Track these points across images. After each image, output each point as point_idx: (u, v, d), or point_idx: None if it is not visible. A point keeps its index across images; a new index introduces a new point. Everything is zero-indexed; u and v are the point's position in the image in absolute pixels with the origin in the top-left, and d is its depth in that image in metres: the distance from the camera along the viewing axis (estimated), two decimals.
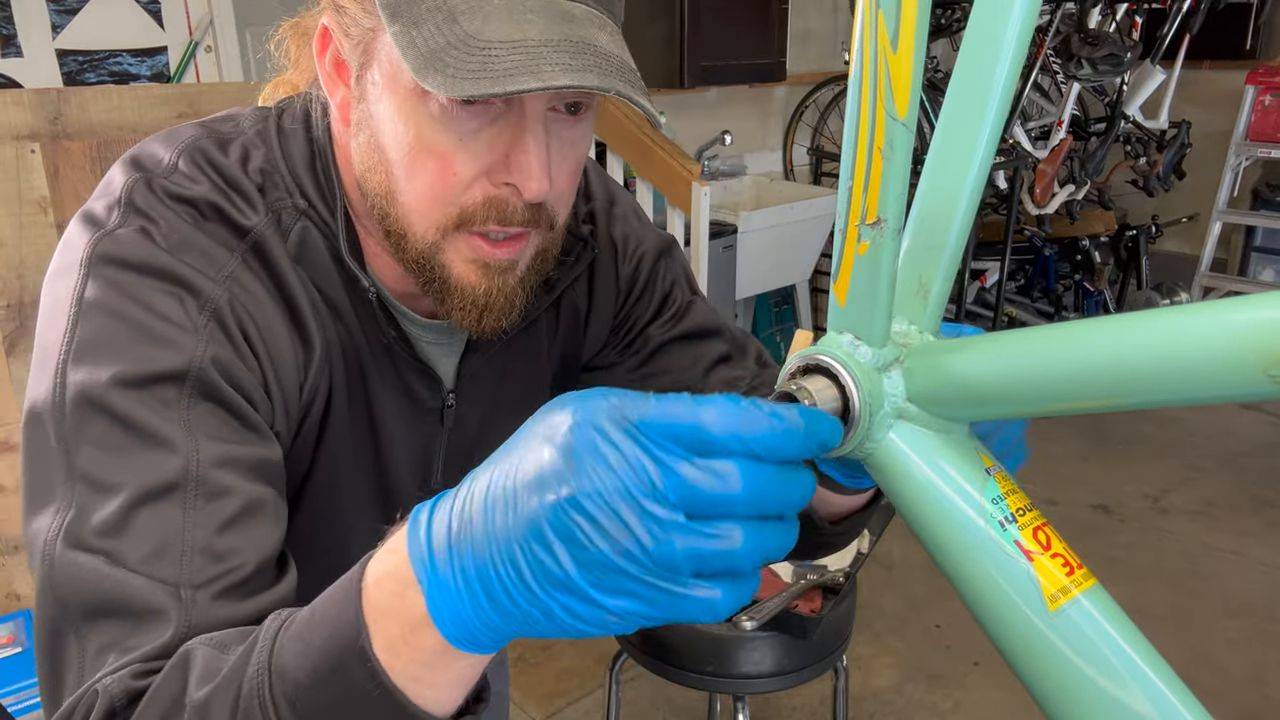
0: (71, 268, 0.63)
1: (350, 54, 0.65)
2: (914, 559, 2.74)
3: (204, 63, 2.70)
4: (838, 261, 0.75)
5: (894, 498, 0.78)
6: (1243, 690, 2.30)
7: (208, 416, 0.60)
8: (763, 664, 1.21)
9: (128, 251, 0.62)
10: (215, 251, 0.65)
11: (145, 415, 0.58)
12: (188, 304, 0.62)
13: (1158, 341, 0.60)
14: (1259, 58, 4.41)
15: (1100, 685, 0.66)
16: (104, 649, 0.54)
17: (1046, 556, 0.69)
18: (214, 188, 0.67)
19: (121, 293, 0.61)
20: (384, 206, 0.67)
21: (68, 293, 0.62)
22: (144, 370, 0.59)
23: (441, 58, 0.57)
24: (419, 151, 0.63)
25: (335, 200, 0.70)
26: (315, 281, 0.70)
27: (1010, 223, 3.93)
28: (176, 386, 0.60)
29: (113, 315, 0.60)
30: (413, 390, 0.78)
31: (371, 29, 0.62)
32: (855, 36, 0.70)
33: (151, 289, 0.61)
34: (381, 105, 0.64)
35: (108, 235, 0.63)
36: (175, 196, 0.66)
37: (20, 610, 1.75)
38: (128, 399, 0.58)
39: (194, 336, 0.61)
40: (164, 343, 0.60)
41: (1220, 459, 3.46)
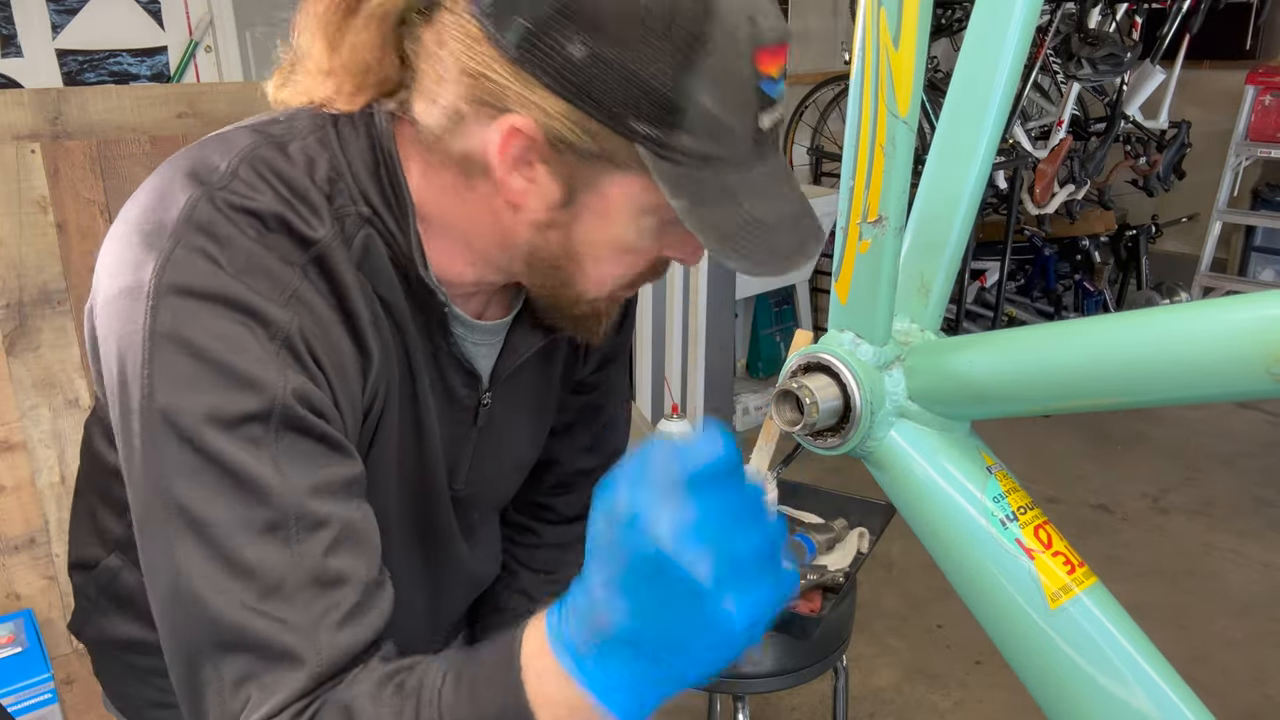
0: (139, 293, 0.62)
1: (554, 165, 0.65)
2: (914, 559, 2.74)
3: (204, 63, 2.70)
4: (839, 260, 0.75)
5: (895, 496, 0.78)
6: (1243, 690, 2.30)
7: (295, 448, 0.62)
8: (763, 664, 1.21)
9: (194, 280, 0.62)
10: (280, 271, 0.64)
11: (238, 455, 0.60)
12: (259, 335, 0.62)
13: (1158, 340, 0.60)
14: (1259, 58, 4.41)
15: (1101, 683, 0.66)
16: (241, 681, 0.59)
17: (1048, 555, 0.69)
18: (278, 198, 0.66)
19: (194, 325, 0.61)
20: (562, 281, 0.72)
21: (139, 321, 0.62)
22: (230, 411, 0.60)
23: (736, 240, 0.65)
24: (621, 251, 0.70)
25: (405, 208, 0.70)
26: (376, 289, 0.71)
27: (1010, 223, 3.93)
28: (263, 425, 0.61)
29: (189, 351, 0.61)
30: (453, 390, 0.80)
31: (595, 161, 0.64)
32: (857, 34, 0.70)
33: (222, 320, 0.62)
34: (594, 220, 0.67)
35: (172, 262, 0.62)
36: (238, 209, 0.64)
37: (20, 610, 1.76)
38: (219, 439, 0.60)
39: (272, 370, 0.62)
40: (245, 381, 0.61)
41: (1220, 459, 3.46)
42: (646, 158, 0.63)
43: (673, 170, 0.63)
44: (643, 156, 0.63)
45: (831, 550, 1.37)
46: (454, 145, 0.66)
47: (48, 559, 1.79)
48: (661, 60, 0.60)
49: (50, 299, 1.75)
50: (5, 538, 1.75)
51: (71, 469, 1.79)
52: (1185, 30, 3.95)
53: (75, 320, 1.77)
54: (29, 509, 1.77)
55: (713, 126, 0.62)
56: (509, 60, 0.61)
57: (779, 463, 1.35)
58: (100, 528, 0.86)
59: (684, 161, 0.63)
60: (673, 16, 0.59)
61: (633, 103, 0.61)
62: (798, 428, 0.74)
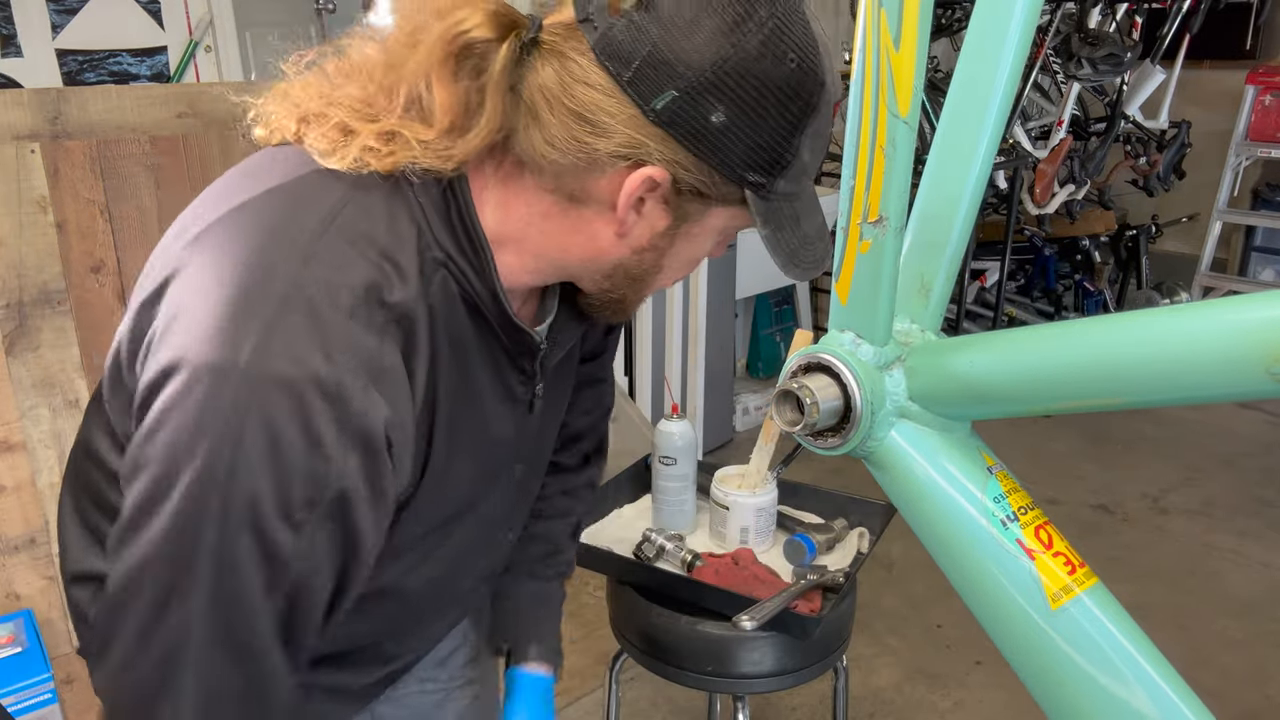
0: (231, 372, 0.64)
1: (672, 204, 0.74)
2: (914, 559, 2.74)
3: (204, 63, 2.70)
4: (839, 260, 0.75)
5: (895, 497, 0.78)
6: (1243, 690, 2.30)
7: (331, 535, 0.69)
8: (763, 664, 1.21)
9: (284, 368, 0.65)
10: (368, 344, 0.67)
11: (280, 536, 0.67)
12: (336, 421, 0.65)
13: (1158, 340, 0.60)
14: (1259, 58, 4.41)
15: (1102, 684, 0.66)
16: None
17: (1048, 555, 0.69)
18: (369, 264, 0.68)
19: (278, 411, 0.65)
20: (631, 284, 0.80)
21: (225, 397, 0.64)
22: (290, 497, 0.66)
23: (797, 255, 0.78)
24: (690, 264, 0.82)
25: (480, 251, 0.74)
26: (446, 327, 0.74)
27: (1010, 223, 3.93)
28: (310, 510, 0.67)
29: (269, 435, 0.64)
30: (513, 392, 0.86)
31: (706, 199, 0.74)
32: (858, 35, 0.70)
33: (306, 406, 0.65)
34: (686, 244, 0.78)
35: (266, 345, 0.64)
36: (333, 284, 0.67)
37: (20, 610, 1.76)
38: (272, 520, 0.65)
39: (336, 462, 0.66)
40: (309, 473, 0.66)
41: (1220, 459, 3.46)
42: (750, 198, 0.74)
43: (766, 206, 0.74)
44: (748, 196, 0.74)
45: (831, 550, 1.37)
46: (569, 183, 0.73)
47: (48, 559, 1.79)
48: (784, 127, 0.70)
49: (50, 299, 1.75)
50: (5, 538, 1.75)
51: None
52: (1185, 30, 3.95)
53: (75, 320, 1.77)
54: (29, 509, 1.77)
55: (801, 172, 0.74)
56: (650, 121, 0.69)
57: (779, 463, 1.35)
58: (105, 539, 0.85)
59: (775, 199, 0.75)
60: (797, 90, 0.70)
61: (753, 159, 0.71)
62: (798, 428, 0.74)
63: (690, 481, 1.45)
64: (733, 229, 0.79)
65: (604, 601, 1.41)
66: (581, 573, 2.56)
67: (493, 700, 1.21)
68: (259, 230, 0.68)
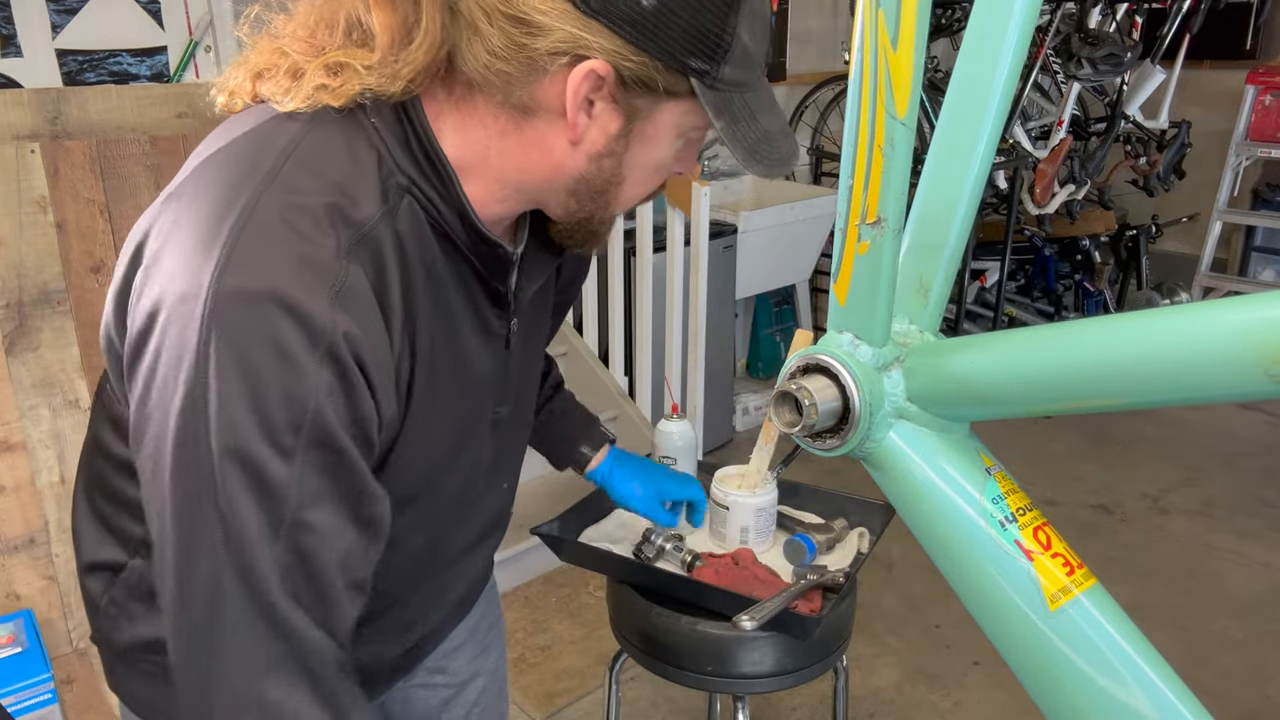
0: (195, 299, 0.65)
1: (620, 101, 0.74)
2: (914, 559, 2.74)
3: (204, 63, 2.70)
4: (838, 261, 0.75)
5: (894, 498, 0.78)
6: (1243, 690, 2.30)
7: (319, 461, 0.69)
8: (763, 664, 1.21)
9: (248, 283, 0.66)
10: (329, 264, 0.68)
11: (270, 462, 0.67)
12: (304, 341, 0.66)
13: (1158, 341, 0.60)
14: (1259, 58, 4.41)
15: (1100, 684, 0.66)
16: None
17: (1047, 556, 0.69)
18: (327, 187, 0.70)
19: (247, 334, 0.66)
20: (595, 204, 0.80)
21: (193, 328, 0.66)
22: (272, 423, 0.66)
23: (757, 150, 0.77)
24: (654, 171, 0.81)
25: (443, 172, 0.76)
26: (418, 255, 0.75)
27: (1010, 223, 3.93)
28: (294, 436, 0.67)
29: (241, 362, 0.65)
30: (489, 324, 0.86)
31: (654, 94, 0.74)
32: (856, 36, 0.70)
33: (273, 325, 0.66)
34: (643, 146, 0.77)
35: (228, 266, 0.66)
36: (291, 207, 0.69)
37: (20, 610, 1.76)
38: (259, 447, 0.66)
39: (309, 384, 0.66)
40: (286, 396, 0.67)
41: (1220, 459, 3.46)
42: (697, 88, 0.73)
43: (716, 97, 0.74)
44: (694, 87, 0.73)
45: (831, 550, 1.37)
46: (519, 94, 0.73)
47: (48, 559, 1.79)
48: (716, 6, 0.71)
49: (50, 299, 1.75)
50: (5, 538, 1.75)
51: (72, 469, 1.79)
52: (1185, 30, 3.95)
53: (75, 320, 1.77)
54: (29, 509, 1.77)
55: (745, 58, 0.74)
56: (582, 12, 0.69)
57: (779, 463, 1.35)
58: (117, 530, 0.86)
59: (724, 88, 0.74)
60: None
61: (691, 44, 0.71)
62: (797, 429, 0.74)
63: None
64: (690, 129, 0.78)
65: (604, 601, 1.41)
66: (581, 573, 2.56)
67: (499, 690, 1.23)
68: (221, 176, 0.71)
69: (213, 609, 0.66)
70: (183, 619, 0.67)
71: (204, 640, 0.67)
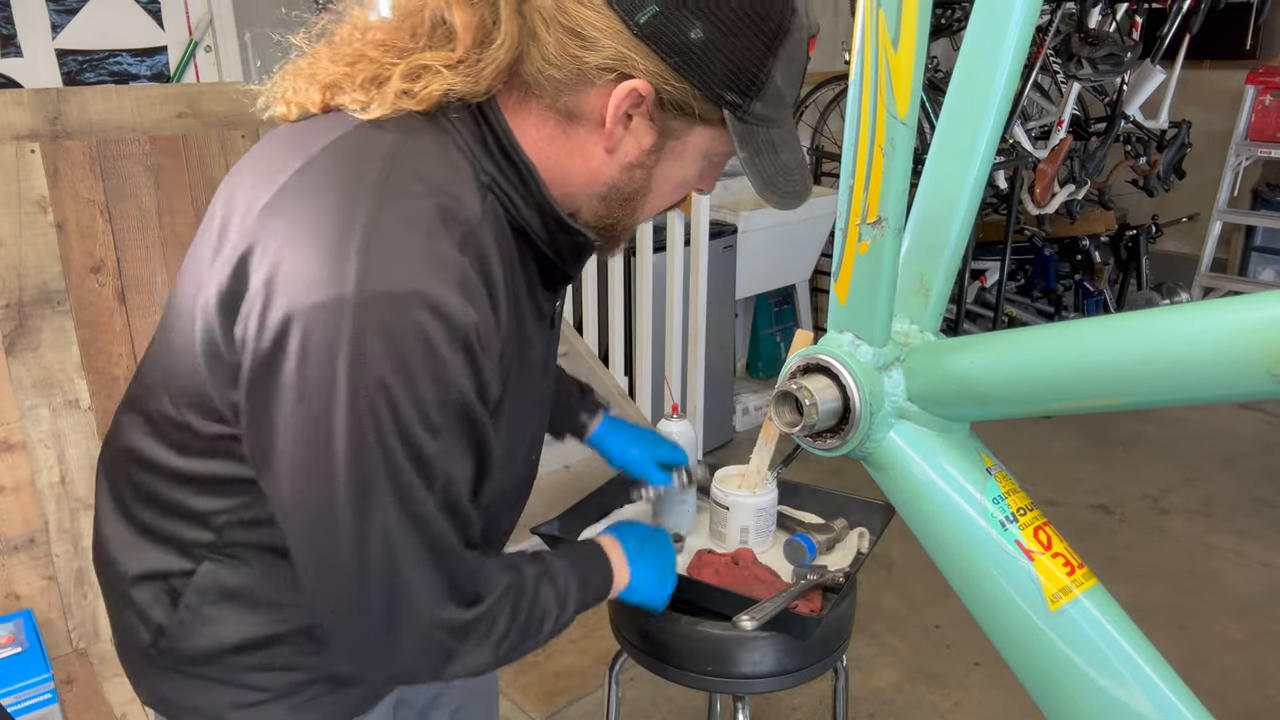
0: (342, 306, 0.71)
1: (656, 119, 0.80)
2: (914, 559, 2.74)
3: (204, 63, 2.70)
4: (838, 261, 0.75)
5: (894, 497, 0.78)
6: (1243, 690, 2.30)
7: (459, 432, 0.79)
8: (763, 664, 1.21)
9: (392, 285, 0.73)
10: (453, 261, 0.74)
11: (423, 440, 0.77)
12: (445, 334, 0.74)
13: (1159, 341, 0.60)
14: (1259, 58, 4.41)
15: (1101, 685, 0.66)
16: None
17: (1047, 556, 0.69)
18: (432, 189, 0.76)
19: (397, 328, 0.73)
20: (622, 212, 0.87)
21: (345, 330, 0.72)
22: (426, 403, 0.76)
23: (774, 183, 0.84)
24: (678, 187, 0.88)
25: (522, 169, 0.82)
26: (501, 249, 0.81)
27: (1010, 223, 3.93)
28: (442, 413, 0.77)
29: (395, 356, 0.73)
30: (542, 309, 0.93)
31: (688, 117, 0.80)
32: (856, 35, 0.70)
33: (419, 319, 0.74)
34: (672, 162, 0.84)
35: (369, 272, 0.72)
36: (408, 212, 0.75)
37: (20, 610, 1.76)
38: (416, 426, 0.76)
39: (456, 369, 0.75)
40: (437, 378, 0.76)
41: (1220, 459, 3.46)
42: (728, 118, 0.80)
43: (743, 128, 0.80)
44: (726, 117, 0.80)
45: (831, 550, 1.37)
46: (566, 99, 0.79)
47: (47, 559, 1.79)
48: (757, 47, 0.77)
49: (50, 299, 1.75)
50: (5, 538, 1.75)
51: (71, 468, 1.79)
52: (1185, 30, 3.95)
53: (75, 320, 1.77)
54: (29, 509, 1.77)
55: (777, 97, 0.80)
56: (633, 35, 0.75)
57: (779, 463, 1.35)
58: (172, 539, 0.88)
59: (752, 122, 0.80)
60: (768, 12, 0.76)
61: (729, 78, 0.77)
62: (797, 429, 0.74)
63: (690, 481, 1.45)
64: (715, 153, 0.85)
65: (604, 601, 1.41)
66: None
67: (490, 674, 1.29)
68: (329, 182, 0.75)
69: (391, 558, 0.76)
70: (364, 576, 0.76)
71: (387, 588, 0.77)
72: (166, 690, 0.93)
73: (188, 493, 0.85)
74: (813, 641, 1.20)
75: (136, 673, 0.95)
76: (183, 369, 0.82)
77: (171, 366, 0.84)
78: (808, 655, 1.23)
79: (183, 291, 0.84)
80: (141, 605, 0.90)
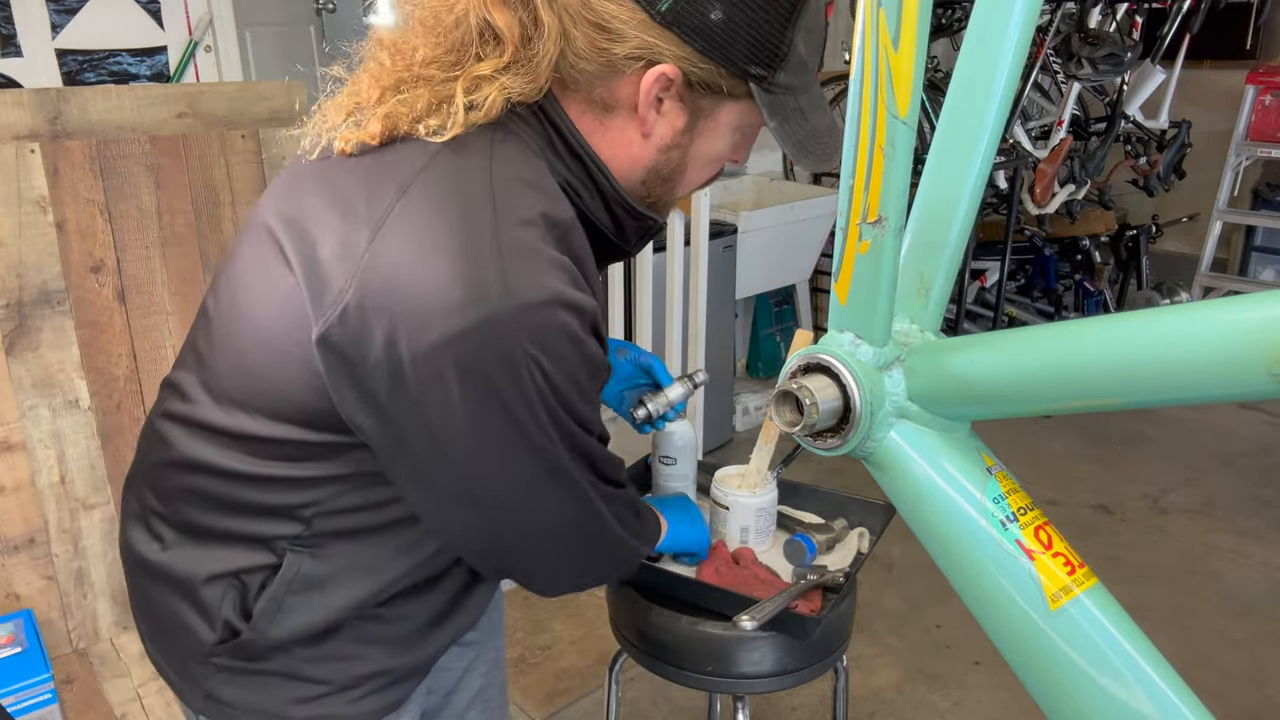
0: (492, 321, 0.76)
1: (686, 100, 0.84)
2: (914, 559, 2.74)
3: (204, 63, 2.70)
4: (839, 260, 0.75)
5: (895, 497, 0.78)
6: (1243, 690, 2.30)
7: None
8: (763, 664, 1.21)
9: (532, 296, 0.78)
10: (564, 262, 0.80)
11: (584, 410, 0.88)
12: (585, 325, 0.82)
13: (1159, 341, 0.60)
14: (1259, 58, 4.41)
15: (1101, 684, 0.66)
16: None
17: (1048, 555, 0.69)
18: (535, 198, 0.80)
19: (549, 328, 0.81)
20: (663, 189, 0.91)
21: (506, 340, 0.78)
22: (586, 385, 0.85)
23: (806, 146, 0.86)
24: (712, 162, 0.92)
25: (588, 166, 0.86)
26: (583, 240, 0.84)
27: (1010, 223, 3.93)
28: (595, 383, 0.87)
29: (553, 353, 0.80)
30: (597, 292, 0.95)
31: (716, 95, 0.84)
32: (857, 35, 0.70)
33: (563, 319, 0.81)
34: (705, 140, 0.88)
35: (508, 286, 0.76)
36: (522, 221, 0.79)
37: (20, 610, 1.76)
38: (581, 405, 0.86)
39: (597, 351, 0.85)
40: (592, 361, 0.85)
41: (1220, 459, 3.46)
42: (755, 91, 0.83)
43: (771, 99, 0.83)
44: (752, 90, 0.83)
45: (831, 550, 1.37)
46: (599, 91, 0.83)
47: (47, 559, 1.79)
48: (776, 20, 0.80)
49: (50, 299, 1.74)
50: (5, 538, 1.75)
51: (71, 469, 1.79)
52: (1185, 30, 3.95)
53: (75, 320, 1.77)
54: (29, 509, 1.77)
55: (800, 65, 0.83)
56: (656, 22, 0.79)
57: (779, 463, 1.35)
58: (257, 536, 0.89)
59: (778, 92, 0.83)
60: None
61: (752, 53, 0.80)
62: (797, 428, 0.74)
63: (690, 481, 1.45)
64: (746, 125, 0.88)
65: (604, 601, 1.41)
66: None
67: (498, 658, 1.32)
68: (437, 207, 0.77)
69: (569, 523, 0.89)
70: (544, 546, 0.90)
71: (563, 546, 0.91)
72: (227, 693, 0.92)
73: (273, 492, 0.86)
74: (813, 641, 1.20)
75: (192, 679, 0.94)
76: (279, 392, 0.82)
77: (260, 389, 0.83)
78: (808, 655, 1.23)
79: (254, 313, 0.84)
80: (210, 606, 0.90)
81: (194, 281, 1.89)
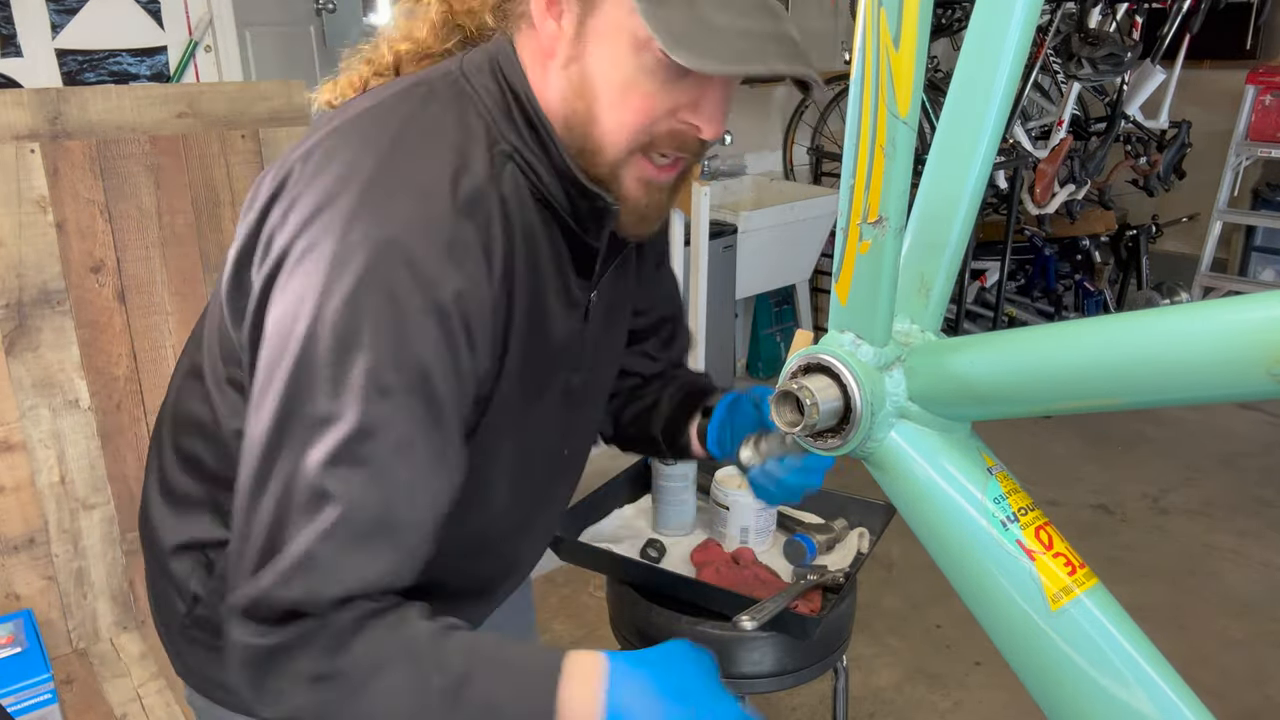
0: (345, 261, 0.73)
1: (569, 2, 0.76)
2: (914, 559, 2.74)
3: (204, 62, 2.70)
4: (839, 260, 0.75)
5: (895, 497, 0.78)
6: (1243, 690, 2.30)
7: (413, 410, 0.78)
8: (763, 664, 1.21)
9: (395, 233, 0.75)
10: (444, 228, 0.75)
11: None
12: (420, 302, 0.74)
13: (1159, 341, 0.60)
14: (1259, 58, 4.41)
15: (1102, 684, 0.66)
16: None
17: (1049, 556, 0.69)
18: (439, 160, 0.77)
19: (382, 286, 0.74)
20: (584, 128, 0.79)
21: (345, 285, 0.74)
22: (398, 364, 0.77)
23: (689, 38, 0.71)
24: (628, 90, 0.77)
25: (543, 137, 0.81)
26: (519, 218, 0.80)
27: (1010, 223, 3.93)
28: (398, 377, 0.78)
29: (385, 307, 0.73)
30: (571, 291, 0.89)
31: None
32: (858, 35, 0.70)
33: (397, 281, 0.75)
34: (600, 49, 0.77)
35: (364, 223, 0.74)
36: (407, 177, 0.77)
37: (20, 610, 1.75)
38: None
39: (420, 339, 0.75)
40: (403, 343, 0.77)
41: (1220, 459, 3.46)
42: None
43: None
44: None
45: (831, 550, 1.37)
46: (524, 20, 0.81)
47: (47, 559, 1.79)
48: None
49: (50, 299, 1.74)
50: (5, 538, 1.74)
51: (71, 469, 1.79)
52: (1185, 30, 3.95)
53: (75, 320, 1.77)
54: (29, 509, 1.77)
55: None
56: None
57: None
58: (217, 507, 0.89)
59: None
60: None
61: None
62: (798, 429, 0.74)
63: (690, 481, 1.45)
64: (639, 31, 0.74)
65: (604, 601, 1.41)
66: (581, 572, 2.56)
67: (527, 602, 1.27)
68: (349, 141, 0.79)
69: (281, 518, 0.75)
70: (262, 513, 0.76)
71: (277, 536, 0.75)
72: (200, 665, 0.93)
73: (226, 458, 0.85)
74: (813, 641, 1.20)
75: (174, 647, 0.95)
76: (216, 313, 0.85)
77: (212, 319, 0.87)
78: (808, 655, 1.23)
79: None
80: (179, 577, 0.90)
81: (194, 281, 1.89)
